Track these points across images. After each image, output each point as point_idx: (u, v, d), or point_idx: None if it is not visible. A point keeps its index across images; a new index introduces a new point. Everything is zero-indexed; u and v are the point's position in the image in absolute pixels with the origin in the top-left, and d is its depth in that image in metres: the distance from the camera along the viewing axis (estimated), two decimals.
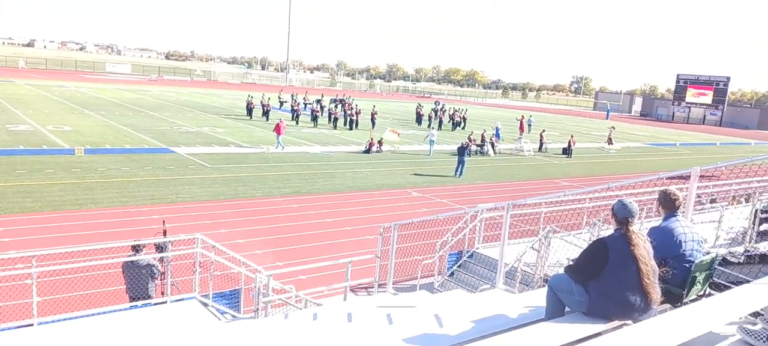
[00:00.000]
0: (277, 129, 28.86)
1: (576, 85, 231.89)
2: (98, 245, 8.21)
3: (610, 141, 43.35)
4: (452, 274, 10.18)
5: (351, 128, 40.01)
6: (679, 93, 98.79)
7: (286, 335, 6.47)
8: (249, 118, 41.99)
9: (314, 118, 40.68)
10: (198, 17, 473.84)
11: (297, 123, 39.79)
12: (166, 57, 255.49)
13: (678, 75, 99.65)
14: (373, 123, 39.92)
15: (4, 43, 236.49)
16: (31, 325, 6.97)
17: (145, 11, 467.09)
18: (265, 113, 41.33)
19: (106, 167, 21.01)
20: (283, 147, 28.48)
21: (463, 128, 46.03)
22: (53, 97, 47.37)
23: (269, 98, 44.96)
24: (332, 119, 41.55)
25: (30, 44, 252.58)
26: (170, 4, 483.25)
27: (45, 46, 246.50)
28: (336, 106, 46.24)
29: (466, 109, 54.68)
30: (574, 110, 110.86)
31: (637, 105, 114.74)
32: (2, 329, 6.83)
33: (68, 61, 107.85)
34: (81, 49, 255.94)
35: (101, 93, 55.19)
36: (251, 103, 43.41)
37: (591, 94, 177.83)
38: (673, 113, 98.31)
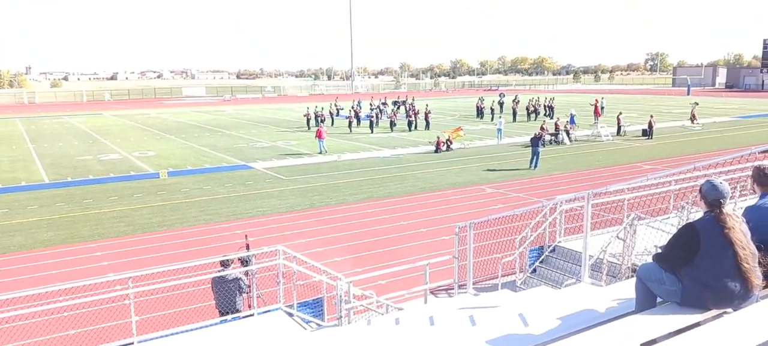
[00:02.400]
0: (318, 134, 30.97)
1: (652, 63, 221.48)
2: (187, 263, 8.60)
3: (693, 118, 41.06)
4: (534, 270, 9.94)
5: (410, 130, 39.71)
6: None
7: (371, 341, 6.53)
8: (307, 129, 42.25)
9: (371, 125, 40.23)
10: (265, 35, 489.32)
11: (350, 131, 39.70)
12: (238, 76, 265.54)
13: (765, 40, 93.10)
14: (427, 123, 39.76)
15: (90, 78, 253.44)
16: (132, 343, 7.38)
17: (215, 34, 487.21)
18: (321, 122, 40.86)
19: (189, 188, 22.02)
20: (325, 151, 29.93)
21: (551, 117, 44.27)
22: (137, 125, 50.22)
23: (322, 108, 45.28)
24: (390, 123, 41.15)
25: (113, 77, 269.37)
26: (238, 24, 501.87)
27: (126, 78, 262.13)
28: (397, 108, 46.20)
29: (553, 98, 53.12)
30: (651, 89, 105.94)
31: (722, 76, 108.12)
32: None
33: (148, 89, 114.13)
34: (158, 76, 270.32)
35: (180, 117, 57.97)
36: (308, 114, 43.44)
37: (669, 70, 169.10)
38: (763, 82, 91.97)
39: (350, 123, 41.01)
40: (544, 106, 48.95)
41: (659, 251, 4.56)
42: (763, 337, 3.43)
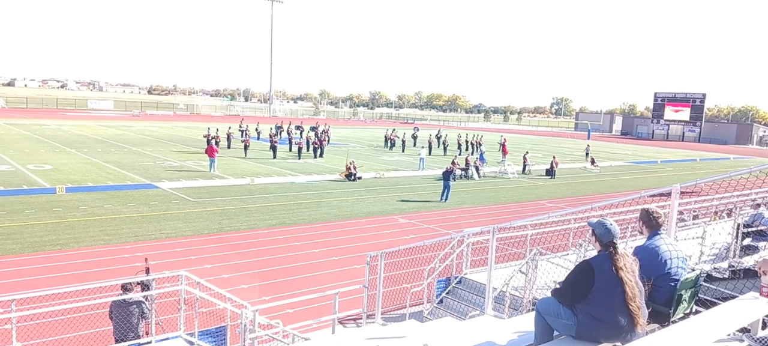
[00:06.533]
0: (210, 152, 31.01)
1: (556, 107, 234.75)
2: (79, 286, 8.05)
3: (592, 161, 43.79)
4: (441, 301, 10.12)
5: (315, 157, 39.54)
6: (658, 111, 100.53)
7: None
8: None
9: (272, 148, 39.38)
10: (180, 51, 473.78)
11: (245, 155, 38.55)
12: (149, 92, 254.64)
13: (655, 93, 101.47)
14: (322, 150, 39.95)
15: None
16: None
17: (127, 46, 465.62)
18: (217, 143, 37.71)
19: (89, 205, 20.74)
20: (214, 169, 30.41)
21: (478, 153, 42.81)
22: (34, 135, 46.90)
23: (218, 129, 44.22)
24: (297, 148, 40.35)
25: (10, 83, 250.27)
26: (152, 38, 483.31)
27: (25, 85, 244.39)
28: (300, 134, 46.23)
29: (482, 136, 54.17)
30: (555, 131, 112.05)
31: (618, 124, 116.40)
32: None
33: (49, 99, 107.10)
34: (62, 86, 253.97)
35: (83, 130, 54.76)
36: (209, 135, 40.04)
37: (572, 114, 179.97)
38: (653, 131, 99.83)
39: (246, 147, 39.86)
40: (473, 143, 50.63)
41: (557, 286, 4.77)
42: None
